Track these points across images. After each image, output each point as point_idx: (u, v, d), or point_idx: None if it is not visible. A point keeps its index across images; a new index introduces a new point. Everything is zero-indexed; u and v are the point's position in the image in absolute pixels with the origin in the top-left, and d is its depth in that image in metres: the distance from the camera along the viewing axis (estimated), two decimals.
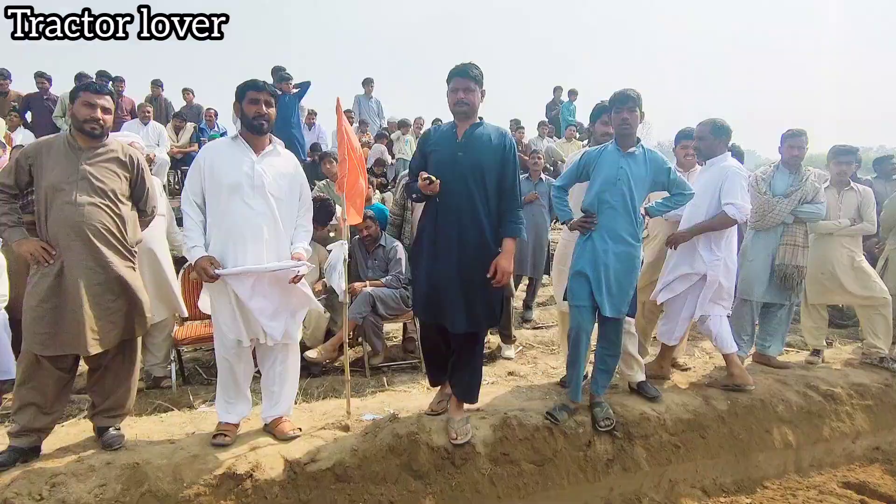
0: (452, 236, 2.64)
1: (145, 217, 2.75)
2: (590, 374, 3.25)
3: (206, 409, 3.33)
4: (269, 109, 2.60)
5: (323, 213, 4.42)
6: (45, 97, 7.34)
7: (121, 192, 2.55)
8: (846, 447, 3.52)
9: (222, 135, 8.09)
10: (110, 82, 7.70)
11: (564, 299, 3.05)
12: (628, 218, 2.87)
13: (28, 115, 7.37)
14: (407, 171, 5.04)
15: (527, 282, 5.85)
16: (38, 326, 2.38)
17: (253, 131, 2.60)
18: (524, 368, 4.33)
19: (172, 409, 3.33)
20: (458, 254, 2.64)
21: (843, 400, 3.58)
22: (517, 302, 6.00)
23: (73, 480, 2.34)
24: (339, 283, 2.89)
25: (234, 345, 2.63)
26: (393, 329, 5.24)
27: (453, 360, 2.85)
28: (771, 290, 3.72)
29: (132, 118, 7.52)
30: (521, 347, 4.84)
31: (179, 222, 2.97)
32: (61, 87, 7.57)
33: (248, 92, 2.57)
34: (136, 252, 2.65)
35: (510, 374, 4.21)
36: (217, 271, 2.49)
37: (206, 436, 2.73)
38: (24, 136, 6.85)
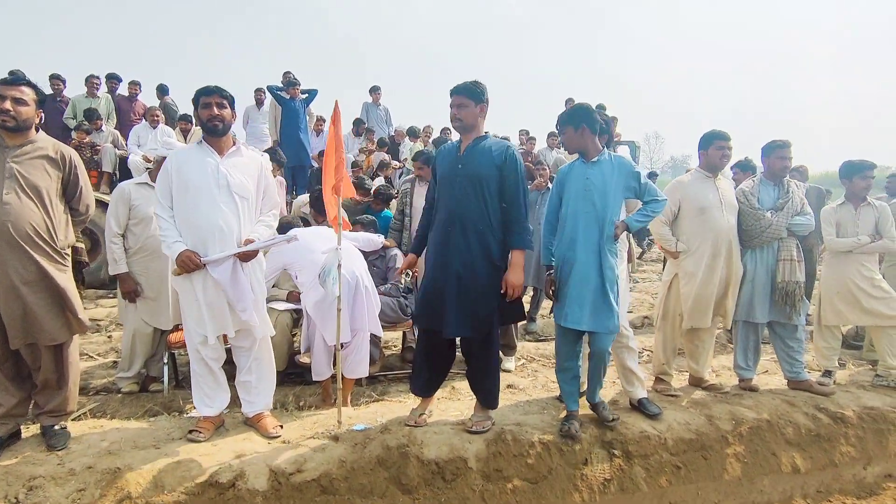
0: (454, 245, 2.74)
1: (79, 216, 2.72)
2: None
3: (196, 415, 3.27)
4: (221, 111, 2.69)
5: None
6: (57, 98, 7.41)
7: (52, 190, 2.52)
8: (856, 473, 3.37)
9: None
10: (120, 83, 7.79)
11: None
12: (598, 228, 2.82)
13: (41, 117, 7.45)
14: (407, 177, 5.08)
15: (531, 293, 5.76)
16: None
17: (210, 133, 2.71)
18: (524, 381, 4.24)
19: (162, 414, 3.29)
20: (459, 262, 2.73)
21: (854, 423, 3.43)
22: None
23: (52, 484, 2.29)
24: (333, 288, 2.84)
25: (202, 339, 2.73)
26: (392, 338, 5.17)
27: (470, 371, 2.94)
28: (774, 310, 3.58)
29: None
30: (522, 360, 4.75)
31: None
32: (74, 89, 7.67)
33: (200, 98, 2.70)
34: (67, 254, 2.62)
35: (509, 386, 4.11)
36: (202, 259, 2.61)
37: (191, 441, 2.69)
38: None
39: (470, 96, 2.74)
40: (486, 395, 2.91)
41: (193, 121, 7.98)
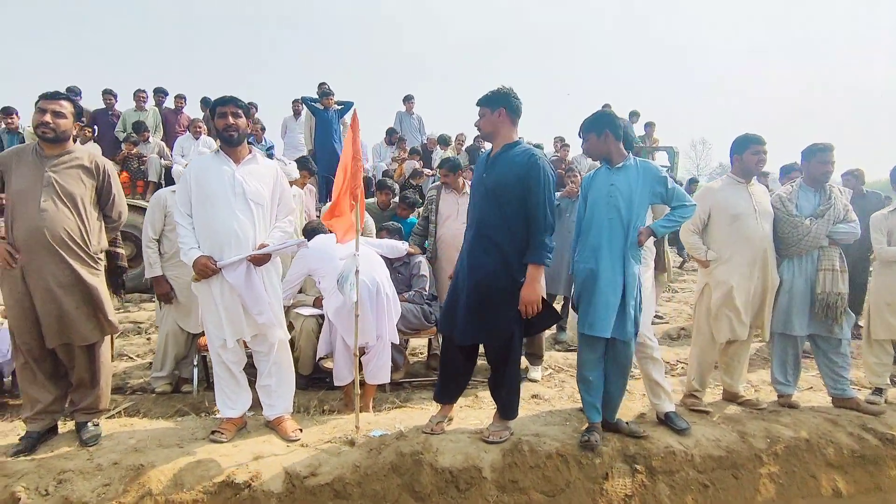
0: (473, 254, 2.76)
1: (112, 223, 2.84)
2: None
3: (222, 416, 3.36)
4: (236, 120, 2.75)
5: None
6: (109, 112, 7.85)
7: (86, 198, 2.65)
8: None
9: (269, 149, 8.37)
10: (166, 96, 8.16)
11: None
12: (623, 234, 2.79)
13: (95, 130, 7.91)
14: (433, 184, 5.11)
15: (561, 301, 5.65)
16: (20, 324, 2.59)
17: (225, 142, 2.78)
18: (549, 392, 4.15)
19: (190, 414, 3.39)
20: (476, 271, 2.73)
21: None
22: None
23: (80, 478, 2.40)
24: (351, 294, 2.86)
25: (221, 343, 2.82)
26: (420, 345, 5.18)
27: (491, 379, 2.92)
28: (813, 322, 3.38)
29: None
30: (549, 370, 4.65)
31: None
32: (126, 104, 8.09)
33: (216, 108, 2.77)
34: (100, 259, 2.75)
35: (534, 396, 4.03)
36: (218, 264, 2.68)
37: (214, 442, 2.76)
38: (91, 149, 7.35)
39: (486, 104, 2.75)
40: (505, 404, 2.88)
41: None
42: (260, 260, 2.74)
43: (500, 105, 2.74)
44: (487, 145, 2.97)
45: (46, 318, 2.55)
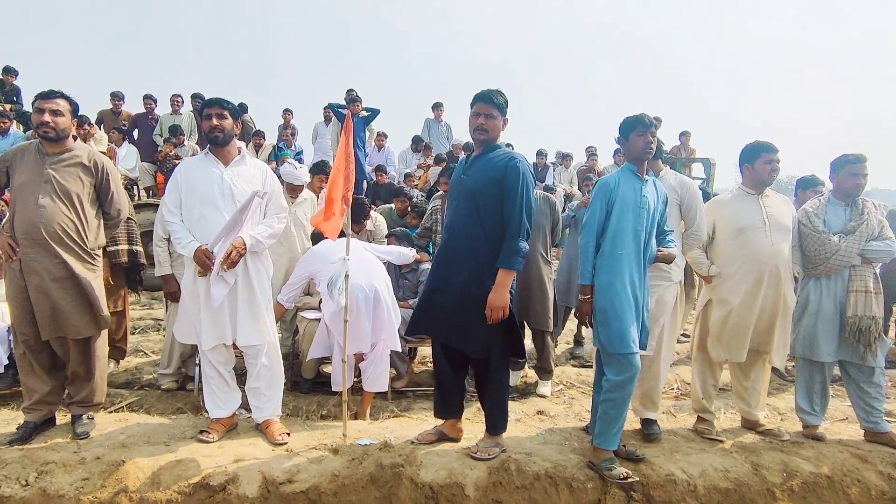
0: (450, 258, 2.65)
1: (111, 220, 2.88)
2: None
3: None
4: (221, 121, 2.76)
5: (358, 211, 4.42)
6: (149, 117, 8.18)
7: (84, 195, 2.70)
8: None
9: (298, 153, 8.51)
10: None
11: None
12: (646, 246, 2.70)
13: (135, 133, 8.26)
14: (437, 194, 5.04)
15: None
16: (19, 315, 2.66)
17: (211, 143, 2.81)
18: (556, 409, 3.98)
19: (188, 412, 3.42)
20: (452, 275, 2.63)
21: None
22: (568, 336, 5.62)
23: (61, 471, 2.42)
24: (339, 299, 2.82)
25: (209, 346, 2.83)
26: (429, 354, 5.08)
27: (476, 390, 2.91)
28: (843, 348, 3.10)
29: None
30: (560, 386, 4.48)
31: None
32: (164, 108, 8.41)
33: (203, 109, 2.81)
34: (97, 255, 2.78)
35: (539, 412, 3.88)
36: (209, 247, 2.68)
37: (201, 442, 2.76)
38: (127, 151, 7.67)
39: (498, 108, 2.63)
40: (490, 419, 2.77)
41: (265, 135, 8.48)
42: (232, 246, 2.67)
43: (506, 113, 2.67)
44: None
45: (40, 311, 2.61)
